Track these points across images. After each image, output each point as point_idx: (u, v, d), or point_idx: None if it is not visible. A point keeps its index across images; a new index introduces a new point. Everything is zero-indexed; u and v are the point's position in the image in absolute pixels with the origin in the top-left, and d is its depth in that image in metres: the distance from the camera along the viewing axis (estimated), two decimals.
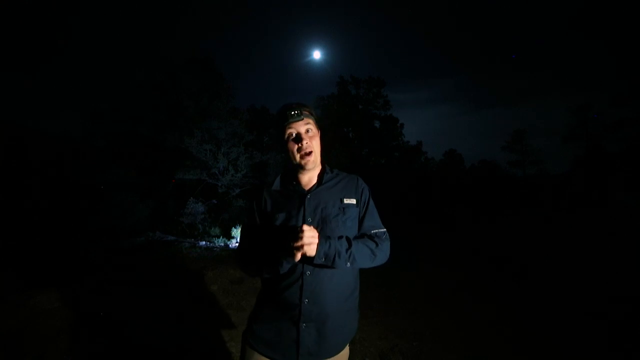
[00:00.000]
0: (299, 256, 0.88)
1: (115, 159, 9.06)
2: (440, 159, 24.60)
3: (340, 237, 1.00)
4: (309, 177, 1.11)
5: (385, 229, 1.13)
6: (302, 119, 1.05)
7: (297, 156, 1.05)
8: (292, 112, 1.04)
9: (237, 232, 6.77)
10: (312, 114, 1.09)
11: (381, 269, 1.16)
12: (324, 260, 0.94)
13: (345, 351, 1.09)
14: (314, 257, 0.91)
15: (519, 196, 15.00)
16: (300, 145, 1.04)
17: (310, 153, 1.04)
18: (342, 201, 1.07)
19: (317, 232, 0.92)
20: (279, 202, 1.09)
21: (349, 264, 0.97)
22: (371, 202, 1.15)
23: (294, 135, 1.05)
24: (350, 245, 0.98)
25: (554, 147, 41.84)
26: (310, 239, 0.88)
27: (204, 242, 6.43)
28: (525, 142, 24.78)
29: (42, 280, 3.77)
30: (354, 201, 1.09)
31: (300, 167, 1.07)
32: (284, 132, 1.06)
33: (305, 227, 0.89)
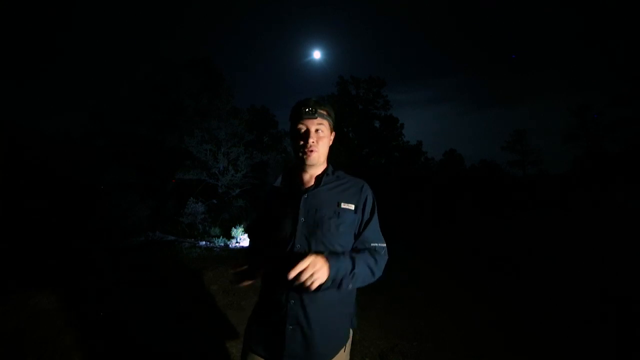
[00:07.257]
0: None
1: (115, 158, 9.07)
2: (440, 159, 24.57)
3: (342, 255, 0.95)
4: (310, 176, 1.09)
5: (385, 245, 1.07)
6: (316, 118, 1.02)
7: (300, 152, 1.04)
8: (307, 109, 1.02)
9: (237, 232, 6.78)
10: (329, 115, 1.07)
11: None
12: (331, 285, 0.90)
13: (341, 356, 1.05)
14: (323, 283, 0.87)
15: (519, 196, 14.98)
16: (305, 142, 1.02)
17: (312, 151, 1.03)
18: (338, 204, 1.03)
19: (317, 256, 0.86)
20: (278, 200, 1.09)
21: (350, 285, 0.94)
22: (375, 213, 1.09)
23: (302, 131, 1.04)
24: (354, 266, 0.94)
25: (554, 147, 41.94)
26: (313, 277, 0.83)
27: (204, 242, 6.43)
28: (525, 142, 24.84)
29: (42, 280, 3.77)
30: (352, 206, 1.04)
31: (302, 163, 1.05)
32: (295, 126, 1.05)
33: (309, 259, 0.83)
